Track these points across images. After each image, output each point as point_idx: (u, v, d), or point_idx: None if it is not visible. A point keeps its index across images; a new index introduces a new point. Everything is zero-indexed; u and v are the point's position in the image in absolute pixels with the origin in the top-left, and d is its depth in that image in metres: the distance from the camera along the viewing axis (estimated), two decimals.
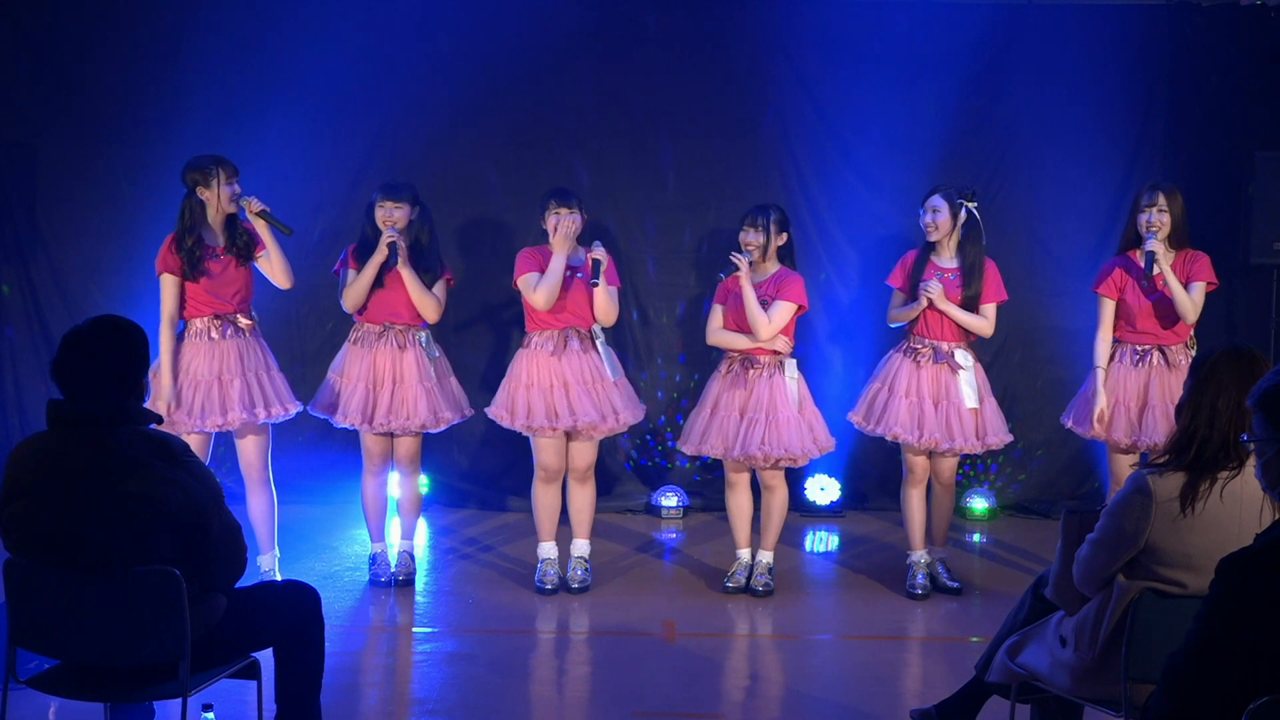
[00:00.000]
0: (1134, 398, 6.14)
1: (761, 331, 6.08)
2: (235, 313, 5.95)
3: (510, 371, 6.32)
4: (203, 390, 5.85)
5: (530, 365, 6.22)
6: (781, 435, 6.12)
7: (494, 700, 5.06)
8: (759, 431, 6.12)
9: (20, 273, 7.80)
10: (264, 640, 4.01)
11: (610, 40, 7.82)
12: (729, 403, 6.20)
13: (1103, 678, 3.70)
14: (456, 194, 7.78)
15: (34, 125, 7.71)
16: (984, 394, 6.30)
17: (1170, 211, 6.05)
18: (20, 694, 3.86)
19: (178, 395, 5.83)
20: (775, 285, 6.14)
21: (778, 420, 6.14)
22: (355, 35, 7.67)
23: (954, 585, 6.41)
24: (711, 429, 6.21)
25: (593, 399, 6.18)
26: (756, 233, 6.16)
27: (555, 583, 6.33)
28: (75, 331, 3.76)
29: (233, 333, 5.93)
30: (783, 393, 6.17)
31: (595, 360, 6.24)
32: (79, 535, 3.64)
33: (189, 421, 5.81)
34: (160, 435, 3.79)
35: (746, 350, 6.21)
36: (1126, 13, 7.77)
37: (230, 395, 5.86)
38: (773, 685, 5.43)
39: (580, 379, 6.19)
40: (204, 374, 5.86)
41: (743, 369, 6.22)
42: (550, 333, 6.23)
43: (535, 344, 6.24)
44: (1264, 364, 3.57)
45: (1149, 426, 6.06)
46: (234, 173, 5.92)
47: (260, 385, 5.96)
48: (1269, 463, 2.93)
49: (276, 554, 6.17)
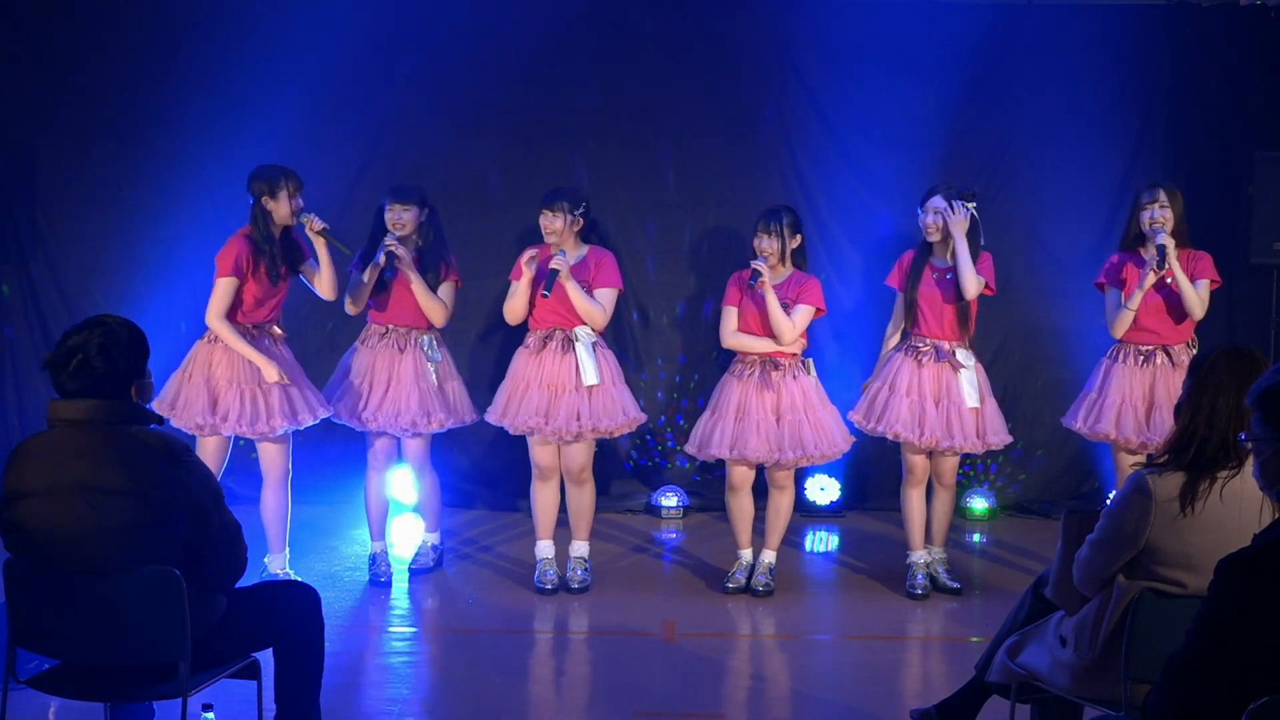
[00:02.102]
0: (1140, 398, 6.16)
1: (785, 336, 6.07)
2: (269, 322, 6.02)
3: (508, 370, 6.35)
4: (248, 396, 5.90)
5: (518, 364, 6.26)
6: (827, 432, 6.19)
7: (494, 700, 5.06)
8: (806, 431, 6.14)
9: (20, 273, 7.79)
10: (264, 640, 4.01)
11: (610, 40, 7.82)
12: (760, 406, 6.15)
13: (1103, 678, 3.70)
14: (457, 194, 7.77)
15: (34, 125, 7.71)
16: (985, 394, 6.30)
17: (1172, 208, 6.07)
18: (20, 694, 3.86)
19: (213, 401, 5.88)
20: (794, 289, 6.12)
21: (819, 419, 6.18)
22: (356, 37, 7.66)
23: (954, 585, 6.41)
24: (748, 433, 6.13)
25: (566, 403, 6.14)
26: (771, 238, 6.12)
27: (555, 583, 6.32)
28: (70, 332, 3.76)
29: (269, 342, 6.00)
30: (813, 391, 6.22)
31: (573, 364, 6.18)
32: (79, 535, 3.64)
33: (230, 425, 5.88)
34: (160, 435, 3.78)
35: (767, 353, 6.20)
36: (1126, 13, 7.76)
37: (271, 401, 5.92)
38: (773, 685, 5.43)
39: (554, 382, 6.17)
40: (244, 380, 5.91)
41: (765, 372, 6.19)
42: (538, 332, 6.25)
43: (528, 342, 6.28)
44: (1263, 364, 3.57)
45: (1157, 426, 6.07)
46: (299, 186, 5.99)
47: (298, 391, 6.02)
48: (1267, 462, 2.93)
49: (287, 555, 6.21)
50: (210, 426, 5.85)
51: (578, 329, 6.19)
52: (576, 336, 6.18)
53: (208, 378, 5.91)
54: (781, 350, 6.17)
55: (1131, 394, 6.17)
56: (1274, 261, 7.43)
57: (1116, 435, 6.18)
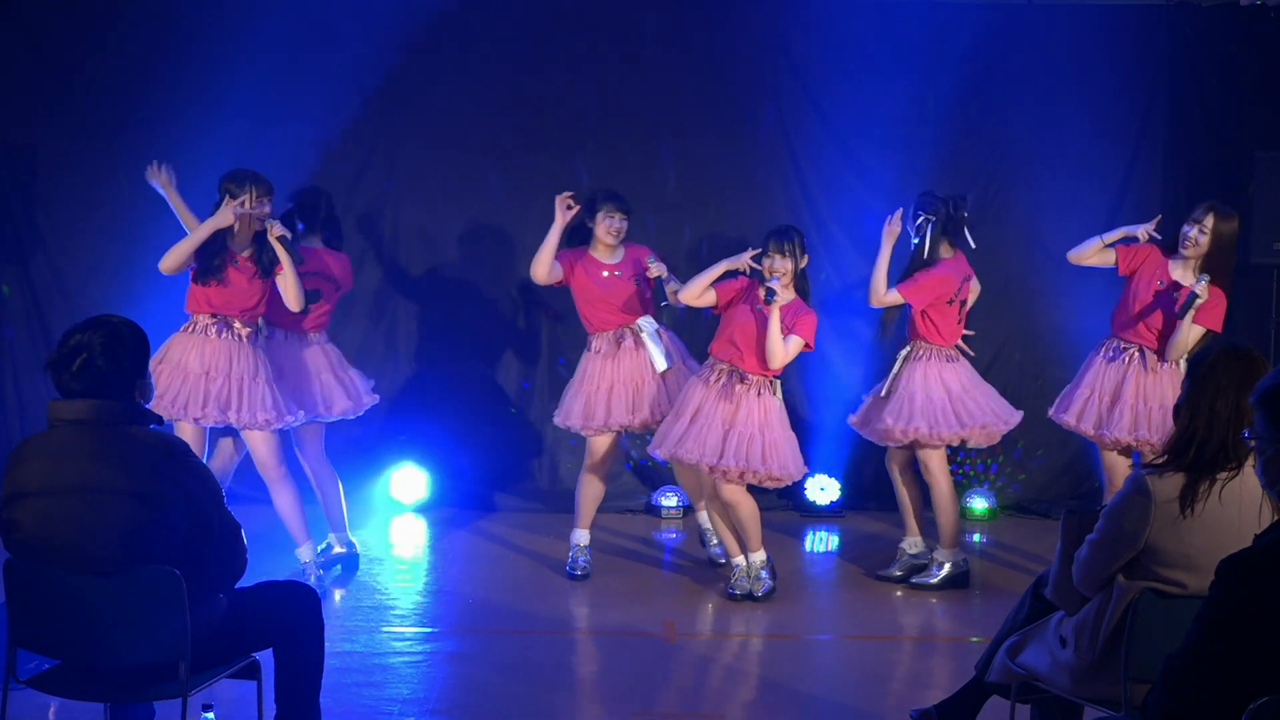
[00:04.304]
0: (1108, 392, 6.22)
1: (777, 360, 6.01)
2: (243, 318, 5.98)
3: (580, 375, 6.48)
4: (197, 384, 5.89)
5: (592, 368, 6.42)
6: (778, 453, 6.03)
7: (494, 700, 5.06)
8: (755, 447, 6.00)
9: (20, 273, 7.80)
10: (264, 640, 4.01)
11: (610, 40, 7.82)
12: (712, 413, 6.05)
13: (1103, 678, 3.70)
14: (456, 194, 7.78)
15: (34, 125, 7.71)
16: (976, 382, 6.42)
17: (1212, 235, 6.01)
18: (20, 694, 3.86)
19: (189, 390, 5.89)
20: (792, 318, 6.00)
21: (774, 439, 6.04)
22: (356, 36, 7.67)
23: (923, 580, 6.43)
24: (689, 435, 6.04)
25: (649, 395, 6.36)
26: (785, 259, 6.03)
27: (586, 570, 6.51)
28: (71, 332, 3.76)
29: (239, 338, 5.97)
30: (775, 412, 6.10)
31: (646, 356, 6.39)
32: (79, 535, 3.64)
33: (191, 411, 5.88)
34: (161, 435, 3.78)
35: (738, 366, 6.07)
36: (1127, 13, 7.77)
37: (252, 394, 5.94)
38: (773, 685, 5.42)
39: (633, 378, 6.37)
40: (207, 369, 5.91)
41: (730, 382, 6.09)
42: (605, 334, 6.44)
43: (597, 347, 6.46)
44: (1262, 364, 3.57)
45: (1115, 421, 6.15)
46: (267, 191, 5.96)
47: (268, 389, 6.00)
48: (1269, 461, 2.93)
49: (316, 544, 6.30)
50: (182, 415, 5.85)
51: (639, 321, 6.38)
52: (640, 328, 6.36)
53: (181, 364, 5.91)
54: (754, 366, 6.05)
55: (1100, 387, 6.25)
56: (1274, 261, 7.43)
57: (1076, 424, 6.28)
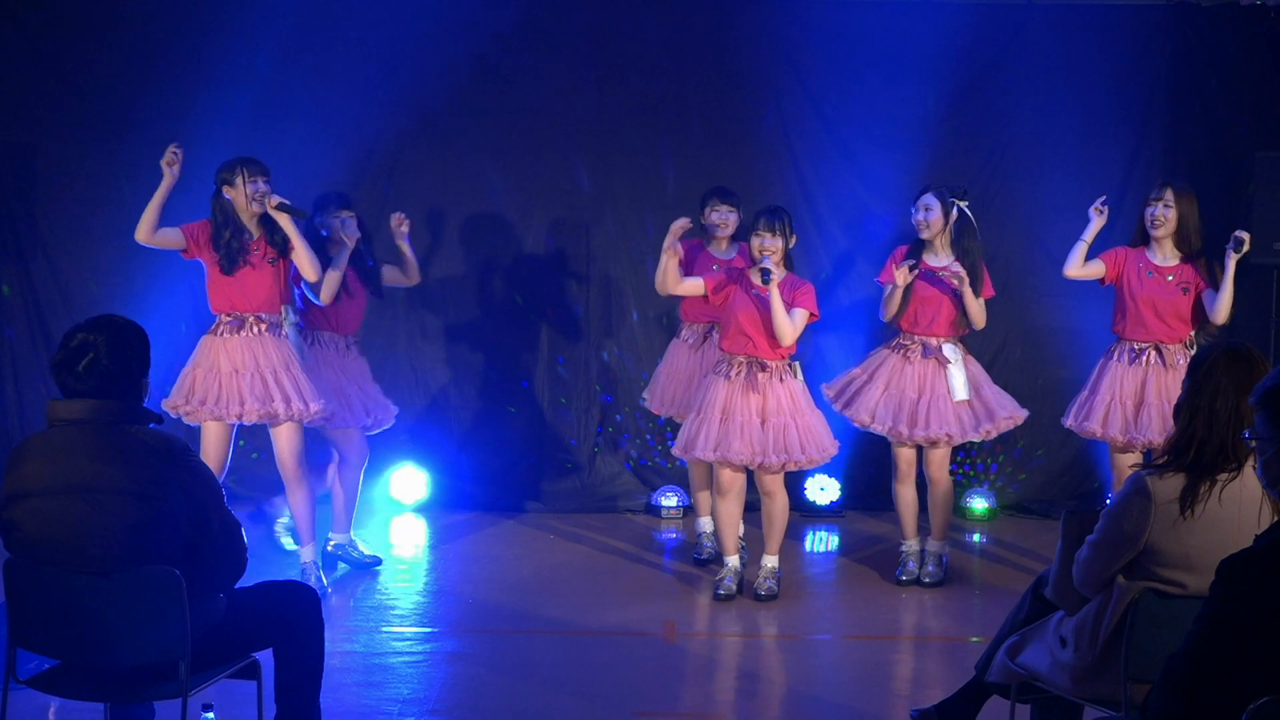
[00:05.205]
0: (1130, 396, 6.17)
1: (787, 338, 6.01)
2: (261, 313, 5.99)
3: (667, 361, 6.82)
4: (230, 382, 5.90)
5: (678, 356, 6.77)
6: (815, 436, 6.13)
7: (494, 700, 5.06)
8: (793, 435, 6.07)
9: (20, 273, 7.80)
10: (264, 640, 4.01)
11: (611, 40, 7.82)
12: (745, 408, 6.07)
13: (1103, 678, 3.70)
14: (456, 194, 7.78)
15: (34, 125, 7.71)
16: (981, 382, 6.39)
17: (1176, 209, 6.04)
18: (20, 694, 3.86)
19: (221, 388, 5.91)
20: (790, 292, 6.04)
21: (806, 423, 6.12)
22: (356, 36, 7.68)
23: (928, 580, 6.43)
24: (731, 436, 6.04)
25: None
26: (775, 237, 6.05)
27: (712, 553, 6.72)
28: (75, 331, 3.76)
29: (257, 333, 5.97)
30: (800, 395, 6.17)
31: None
32: (80, 535, 3.64)
33: (214, 410, 5.89)
34: (161, 435, 3.78)
35: (754, 355, 6.10)
36: (1127, 13, 7.77)
37: (279, 388, 5.95)
38: (773, 685, 5.43)
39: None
40: (235, 367, 5.92)
41: (751, 373, 6.11)
42: (695, 326, 6.73)
43: (685, 336, 6.79)
44: (1262, 364, 3.56)
45: (1144, 424, 6.10)
46: (260, 172, 5.97)
47: (294, 381, 6.00)
48: (1270, 461, 2.93)
49: (317, 545, 6.31)
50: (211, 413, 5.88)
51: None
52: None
53: (213, 366, 5.92)
54: (771, 351, 6.10)
55: (1120, 392, 6.19)
56: (1274, 261, 7.42)
57: (1103, 433, 6.20)
